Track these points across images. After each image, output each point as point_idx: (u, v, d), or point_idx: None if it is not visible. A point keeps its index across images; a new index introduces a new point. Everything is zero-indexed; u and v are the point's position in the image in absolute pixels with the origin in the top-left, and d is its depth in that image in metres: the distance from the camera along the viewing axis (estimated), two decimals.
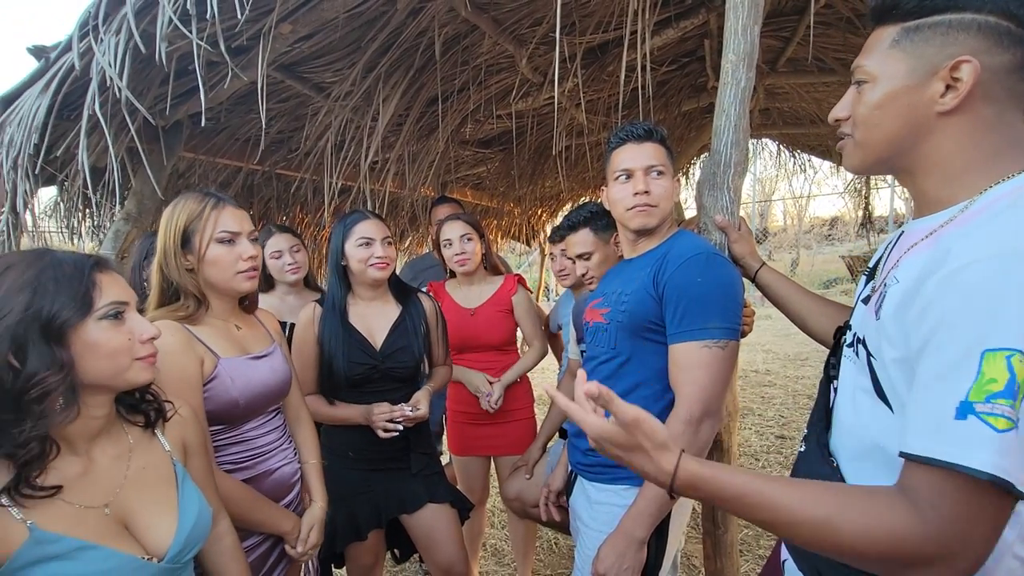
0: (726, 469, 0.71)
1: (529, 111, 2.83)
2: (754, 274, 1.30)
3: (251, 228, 1.28)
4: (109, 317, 0.82)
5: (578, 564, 1.35)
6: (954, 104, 0.68)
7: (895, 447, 0.69)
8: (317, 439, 1.50)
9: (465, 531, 2.29)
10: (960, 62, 0.66)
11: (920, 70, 0.69)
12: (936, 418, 0.58)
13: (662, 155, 1.30)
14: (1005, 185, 0.67)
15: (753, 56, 1.19)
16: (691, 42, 2.67)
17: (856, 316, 0.83)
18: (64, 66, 1.57)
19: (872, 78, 0.74)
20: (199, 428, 1.04)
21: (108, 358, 0.82)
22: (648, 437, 0.71)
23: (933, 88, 0.69)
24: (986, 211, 0.65)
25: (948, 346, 0.58)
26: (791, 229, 20.94)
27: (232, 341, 1.27)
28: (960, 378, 0.56)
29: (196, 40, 1.36)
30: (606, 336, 1.32)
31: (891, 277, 0.71)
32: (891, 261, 0.76)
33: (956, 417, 0.56)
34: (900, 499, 0.60)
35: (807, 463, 0.86)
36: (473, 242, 2.07)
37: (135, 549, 0.84)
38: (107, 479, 0.85)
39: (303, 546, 1.32)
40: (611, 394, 0.72)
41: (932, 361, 0.59)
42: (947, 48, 0.67)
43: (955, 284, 0.59)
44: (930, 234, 0.69)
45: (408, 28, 1.92)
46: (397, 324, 1.70)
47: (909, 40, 0.70)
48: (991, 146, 0.68)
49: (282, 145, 2.72)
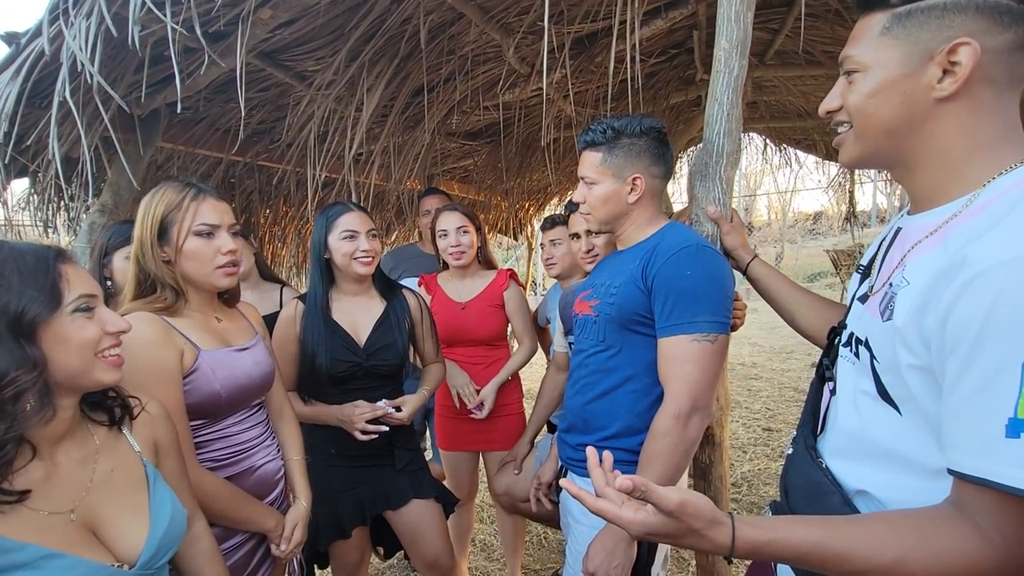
0: (781, 527, 0.66)
1: (516, 102, 2.79)
2: (745, 266, 1.29)
3: (232, 221, 1.23)
4: (81, 310, 0.79)
5: (568, 560, 1.34)
6: (953, 89, 0.65)
7: (908, 450, 0.68)
8: (300, 435, 1.46)
9: (453, 526, 2.27)
10: (958, 44, 0.64)
11: (915, 56, 0.67)
12: (984, 436, 0.56)
13: (592, 163, 1.30)
14: (1008, 177, 0.64)
15: (746, 44, 1.17)
16: (680, 33, 2.65)
17: (853, 315, 0.81)
18: (34, 52, 1.51)
19: (864, 67, 0.71)
20: (171, 426, 1.00)
21: (78, 352, 0.79)
22: (697, 517, 0.66)
23: (930, 74, 0.66)
24: (995, 204, 0.63)
25: (981, 359, 0.56)
26: (776, 224, 21.16)
27: (213, 333, 1.23)
28: (1003, 392, 0.55)
29: (171, 24, 1.31)
30: (595, 329, 1.31)
31: (899, 278, 0.68)
32: (892, 259, 0.74)
33: (1007, 436, 0.54)
34: (964, 525, 0.59)
35: (796, 466, 0.85)
36: (469, 234, 2.04)
37: (104, 556, 0.80)
38: (72, 484, 0.81)
39: (287, 544, 1.29)
40: (647, 484, 0.67)
41: (965, 373, 0.57)
42: (943, 31, 0.65)
43: (978, 291, 0.57)
44: (936, 230, 0.67)
45: (392, 15, 1.87)
46: (381, 320, 1.67)
47: (901, 26, 0.68)
48: (992, 132, 0.66)
49: (264, 136, 2.65)
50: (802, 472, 0.82)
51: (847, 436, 0.77)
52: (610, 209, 1.30)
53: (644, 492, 0.66)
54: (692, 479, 1.44)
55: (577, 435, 1.35)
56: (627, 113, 1.34)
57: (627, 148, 1.27)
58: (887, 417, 0.70)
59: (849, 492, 0.75)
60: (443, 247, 2.06)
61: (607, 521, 0.70)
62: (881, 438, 0.71)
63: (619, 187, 1.28)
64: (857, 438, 0.75)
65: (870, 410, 0.73)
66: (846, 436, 0.77)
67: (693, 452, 1.21)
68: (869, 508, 0.72)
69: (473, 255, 2.08)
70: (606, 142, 1.28)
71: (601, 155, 1.28)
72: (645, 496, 0.66)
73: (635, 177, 1.27)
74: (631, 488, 0.66)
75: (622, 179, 1.27)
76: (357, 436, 1.55)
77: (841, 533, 0.64)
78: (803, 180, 13.41)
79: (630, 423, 1.26)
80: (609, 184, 1.28)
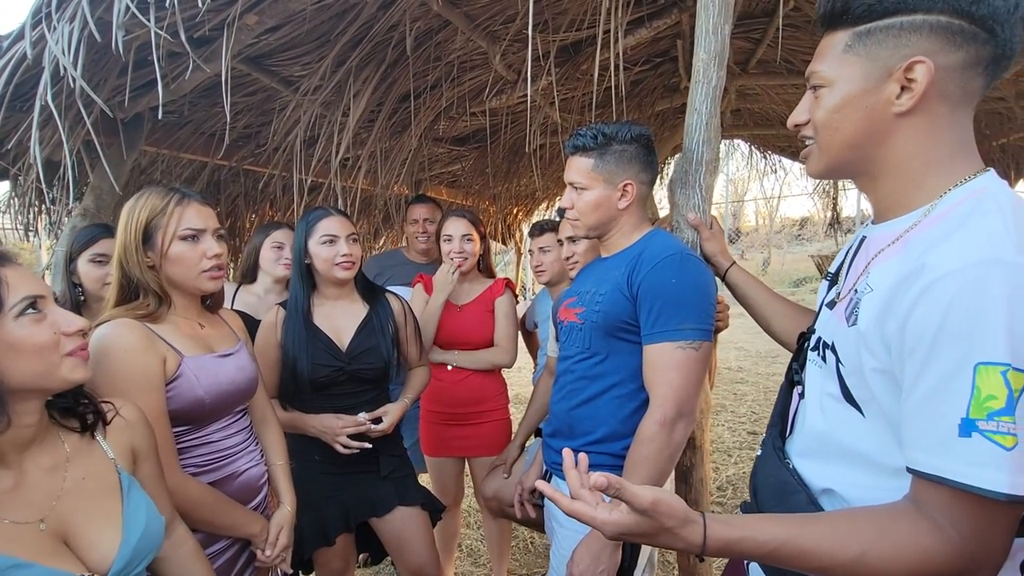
0: (751, 525, 0.68)
1: (503, 109, 2.81)
2: (724, 272, 1.31)
3: (217, 225, 1.23)
4: (27, 313, 0.76)
5: (553, 565, 1.34)
6: (911, 105, 0.68)
7: (870, 450, 0.70)
8: (284, 440, 1.46)
9: (440, 532, 2.27)
10: (914, 63, 0.67)
11: (875, 73, 0.70)
12: (939, 435, 0.59)
13: (582, 169, 1.29)
14: (962, 189, 0.68)
15: (724, 55, 1.19)
16: (664, 42, 2.69)
17: (821, 321, 0.83)
18: (16, 55, 1.50)
19: (828, 82, 0.74)
20: (149, 432, 0.99)
21: (34, 357, 0.76)
22: (670, 516, 0.67)
23: (889, 90, 0.69)
24: (950, 215, 0.66)
25: (937, 361, 0.59)
26: (762, 229, 21.41)
27: (196, 339, 1.22)
28: (956, 393, 0.57)
29: (155, 29, 1.31)
30: (580, 336, 1.32)
31: (863, 284, 0.71)
32: (857, 267, 0.77)
33: (960, 435, 0.57)
34: (922, 521, 0.62)
35: (764, 467, 0.87)
36: (473, 243, 2.05)
37: (75, 566, 0.78)
38: (41, 492, 0.79)
39: (272, 549, 1.29)
40: (620, 481, 0.68)
41: (922, 375, 0.60)
42: (900, 50, 0.68)
43: (934, 297, 0.59)
44: (897, 239, 0.70)
45: (379, 22, 1.88)
46: (364, 324, 1.66)
47: (862, 44, 0.71)
48: (947, 146, 0.70)
49: (250, 140, 2.64)
50: (770, 472, 0.84)
51: (814, 437, 0.79)
52: (600, 215, 1.30)
53: (618, 490, 0.67)
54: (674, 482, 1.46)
55: (562, 440, 1.36)
56: (612, 120, 1.36)
57: (618, 154, 1.27)
58: (851, 419, 0.72)
59: (815, 491, 0.77)
60: (445, 251, 2.06)
61: (582, 523, 0.71)
62: (845, 439, 0.73)
63: (610, 193, 1.28)
64: (823, 439, 0.77)
65: (835, 412, 0.75)
66: (813, 437, 0.79)
67: (678, 457, 1.22)
68: (834, 506, 0.75)
69: (474, 263, 2.09)
70: (597, 148, 1.28)
71: (592, 161, 1.28)
72: (619, 494, 0.67)
73: (626, 183, 1.27)
74: (605, 486, 0.68)
75: (613, 185, 1.28)
76: (339, 450, 1.54)
77: (807, 530, 0.66)
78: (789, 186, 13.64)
79: (615, 428, 1.27)
80: (600, 190, 1.28)
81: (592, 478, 0.69)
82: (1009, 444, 0.55)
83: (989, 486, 0.56)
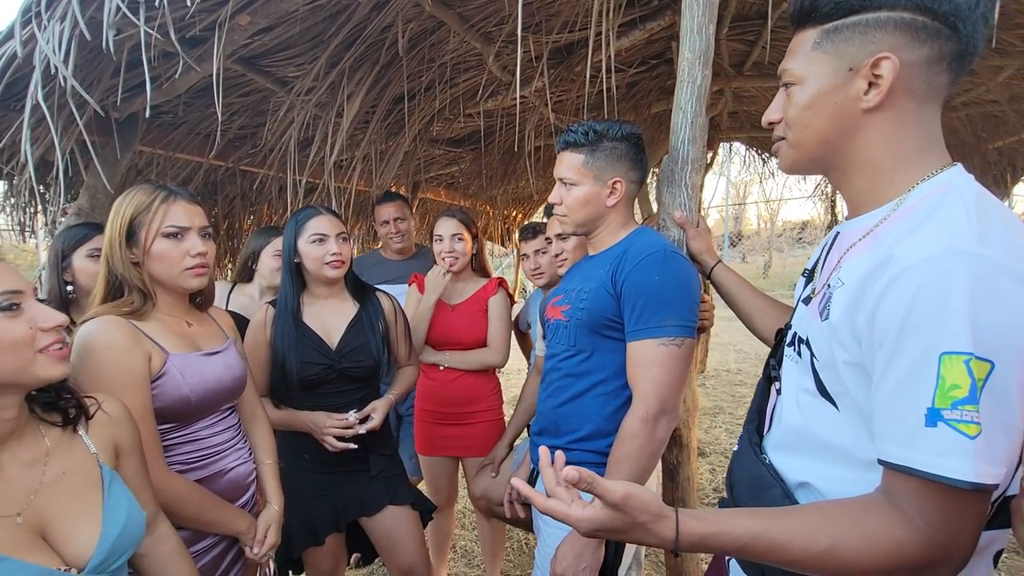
0: (724, 519, 0.68)
1: (498, 110, 2.82)
2: (709, 271, 1.31)
3: (203, 223, 1.23)
4: (2, 309, 0.77)
5: (538, 562, 1.34)
6: (877, 100, 0.69)
7: (845, 443, 0.71)
8: (273, 439, 1.46)
9: (433, 532, 2.26)
10: (880, 59, 0.68)
11: (843, 69, 0.71)
12: (906, 425, 0.59)
13: (573, 164, 1.29)
14: (929, 183, 0.69)
15: (709, 54, 1.20)
16: (659, 44, 2.70)
17: (797, 316, 0.84)
18: (6, 54, 1.51)
19: (799, 80, 0.75)
20: (133, 428, 0.99)
21: (8, 353, 0.76)
22: (642, 510, 0.67)
23: (856, 86, 0.70)
24: (917, 208, 0.67)
25: (903, 352, 0.59)
26: (764, 232, 21.39)
27: (182, 337, 1.22)
28: (922, 383, 0.58)
29: (144, 28, 1.32)
30: (566, 333, 1.32)
31: (835, 279, 0.72)
32: (831, 262, 0.77)
33: (926, 425, 0.57)
34: (892, 511, 0.62)
35: (741, 462, 0.87)
36: (464, 242, 2.04)
37: (52, 560, 0.78)
38: (18, 486, 0.79)
39: (260, 547, 1.29)
40: (592, 476, 0.68)
41: (890, 366, 0.61)
42: (867, 46, 0.69)
43: (900, 288, 0.60)
44: (867, 234, 0.71)
45: (372, 23, 1.90)
46: (354, 323, 1.66)
47: (830, 41, 0.72)
48: (915, 141, 0.71)
49: (245, 141, 2.65)
50: (746, 467, 0.84)
51: (790, 432, 0.79)
52: (588, 212, 1.30)
53: (590, 484, 0.67)
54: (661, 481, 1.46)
55: (548, 438, 1.36)
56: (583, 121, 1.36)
57: (609, 151, 1.27)
58: (826, 413, 0.73)
59: (791, 485, 0.77)
60: (437, 251, 2.06)
61: (556, 520, 0.71)
62: (820, 433, 0.74)
63: (599, 190, 1.28)
64: (799, 433, 0.78)
65: (811, 406, 0.75)
66: (790, 432, 0.80)
67: (661, 454, 1.22)
68: (810, 499, 0.75)
69: (466, 262, 2.09)
70: (588, 144, 1.28)
71: (583, 157, 1.28)
72: (591, 488, 0.67)
73: (615, 181, 1.28)
74: (577, 479, 0.67)
75: (602, 182, 1.28)
76: (328, 447, 1.54)
77: (780, 523, 0.66)
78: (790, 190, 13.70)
79: (599, 426, 1.27)
80: (589, 186, 1.28)
81: (564, 472, 0.69)
82: (972, 432, 0.55)
83: (953, 475, 0.56)
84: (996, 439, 0.56)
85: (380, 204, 2.51)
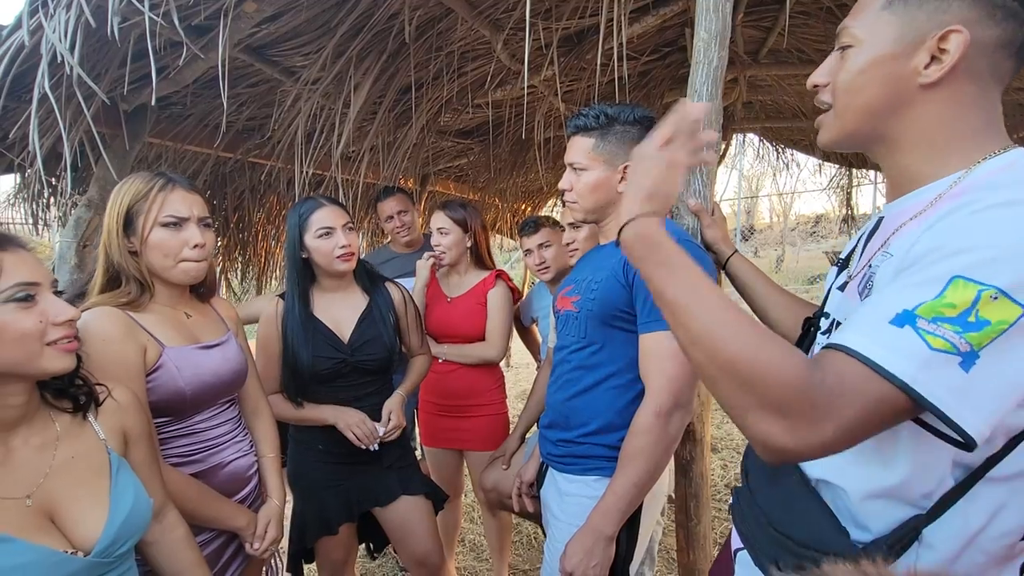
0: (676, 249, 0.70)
1: (507, 101, 2.78)
2: (725, 261, 1.27)
3: (203, 214, 1.21)
4: (16, 300, 0.76)
5: (547, 557, 1.32)
6: (937, 76, 0.65)
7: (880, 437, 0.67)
8: (276, 433, 1.44)
9: (440, 525, 2.25)
10: (950, 32, 0.63)
11: (908, 37, 0.66)
12: (873, 319, 0.56)
13: (583, 149, 1.25)
14: (992, 162, 0.64)
15: (725, 35, 1.15)
16: (672, 31, 2.64)
17: (833, 303, 0.80)
18: (14, 44, 1.50)
19: (858, 42, 0.70)
20: (142, 415, 0.99)
21: (15, 344, 0.76)
22: None
23: (918, 58, 0.66)
24: (980, 185, 0.62)
25: (926, 268, 0.55)
26: (777, 226, 21.14)
27: (180, 329, 1.21)
28: (918, 293, 0.54)
29: (149, 15, 1.30)
30: (576, 324, 1.29)
31: (880, 256, 0.67)
32: (874, 245, 0.73)
33: (891, 322, 0.54)
34: (806, 358, 0.59)
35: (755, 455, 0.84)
36: (449, 236, 2.04)
37: (59, 542, 0.79)
38: (29, 469, 0.80)
39: (260, 542, 1.28)
40: None
41: (903, 277, 0.57)
42: (939, 15, 0.64)
43: (950, 221, 0.56)
44: (920, 213, 0.66)
45: (379, 10, 1.87)
46: (365, 315, 1.65)
47: (903, 2, 0.67)
48: (972, 123, 0.66)
49: (254, 132, 2.64)
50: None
51: None
52: (598, 198, 1.26)
53: None
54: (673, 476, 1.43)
55: (558, 431, 1.33)
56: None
57: (620, 135, 1.23)
58: None
59: (811, 479, 0.74)
60: (433, 243, 2.09)
61: None
62: None
63: (610, 175, 1.24)
64: None
65: None
66: None
67: (674, 449, 1.19)
68: (832, 496, 0.71)
69: (456, 255, 2.07)
70: (599, 128, 1.24)
71: (593, 141, 1.24)
72: None
73: (627, 166, 1.23)
74: None
75: (613, 167, 1.23)
76: (352, 441, 1.54)
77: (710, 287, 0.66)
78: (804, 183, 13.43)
79: (610, 420, 1.24)
80: (600, 171, 1.24)
81: None
82: (936, 345, 0.52)
83: (890, 367, 0.53)
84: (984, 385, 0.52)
85: (381, 201, 2.52)
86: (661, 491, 1.34)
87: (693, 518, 1.36)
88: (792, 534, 0.71)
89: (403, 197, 2.52)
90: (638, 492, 1.14)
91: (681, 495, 1.38)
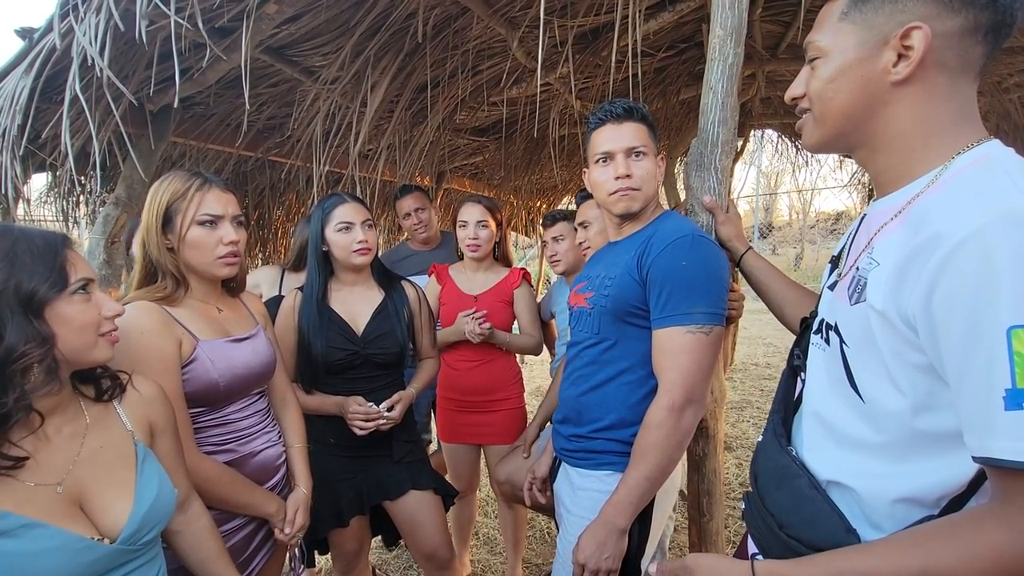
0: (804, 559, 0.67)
1: (522, 98, 2.79)
2: (739, 258, 1.27)
3: (236, 212, 1.26)
4: (80, 292, 0.83)
5: (559, 550, 1.34)
6: (907, 72, 0.66)
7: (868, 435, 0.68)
8: (303, 423, 1.48)
9: (455, 519, 2.29)
10: (910, 29, 0.64)
11: (871, 41, 0.68)
12: (985, 412, 0.55)
13: (644, 135, 1.25)
14: (965, 157, 0.65)
15: (741, 31, 1.15)
16: (689, 27, 2.63)
17: (824, 303, 0.80)
18: (46, 46, 1.56)
19: (824, 53, 0.72)
20: (168, 408, 1.02)
21: (79, 333, 0.82)
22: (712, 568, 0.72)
23: (885, 58, 0.67)
24: (955, 181, 0.63)
25: (971, 335, 0.55)
26: (795, 224, 20.81)
27: (212, 323, 1.25)
28: (993, 363, 0.53)
29: (175, 18, 1.34)
30: (590, 320, 1.30)
31: (865, 260, 0.68)
32: (859, 244, 0.74)
33: (1007, 408, 0.53)
34: (986, 517, 0.57)
35: (765, 453, 0.85)
36: (488, 228, 2.04)
37: (87, 529, 0.82)
38: (60, 457, 0.83)
39: (290, 527, 1.32)
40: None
41: (955, 351, 0.56)
42: (896, 16, 0.66)
43: (957, 267, 0.56)
44: (899, 212, 0.67)
45: (397, 10, 1.89)
46: (380, 310, 1.68)
47: (858, 11, 0.69)
48: (947, 116, 0.67)
49: (274, 131, 2.69)
50: (770, 458, 0.81)
51: (817, 423, 0.76)
52: (655, 187, 1.28)
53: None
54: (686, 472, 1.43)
55: (571, 426, 1.35)
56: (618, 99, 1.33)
57: (653, 130, 1.28)
58: (851, 403, 0.70)
59: (820, 481, 0.74)
60: (461, 237, 2.07)
61: None
62: (845, 424, 0.71)
63: (657, 167, 1.28)
64: (825, 424, 0.75)
65: (838, 396, 0.72)
66: (816, 423, 0.77)
67: (687, 444, 1.20)
68: (843, 499, 0.72)
69: (489, 249, 2.08)
70: (646, 119, 1.27)
71: (647, 130, 1.27)
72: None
73: (661, 157, 1.28)
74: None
75: (655, 159, 1.28)
76: (355, 431, 1.57)
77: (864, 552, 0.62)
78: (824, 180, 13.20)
79: (623, 415, 1.25)
80: (654, 160, 1.27)
81: None
82: None
83: None
84: None
85: (400, 199, 2.58)
86: (673, 487, 1.34)
87: (706, 514, 1.37)
88: (802, 537, 0.72)
89: (420, 195, 2.57)
90: (650, 486, 1.15)
91: (694, 491, 1.39)
